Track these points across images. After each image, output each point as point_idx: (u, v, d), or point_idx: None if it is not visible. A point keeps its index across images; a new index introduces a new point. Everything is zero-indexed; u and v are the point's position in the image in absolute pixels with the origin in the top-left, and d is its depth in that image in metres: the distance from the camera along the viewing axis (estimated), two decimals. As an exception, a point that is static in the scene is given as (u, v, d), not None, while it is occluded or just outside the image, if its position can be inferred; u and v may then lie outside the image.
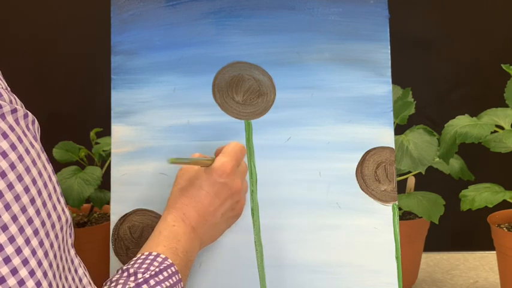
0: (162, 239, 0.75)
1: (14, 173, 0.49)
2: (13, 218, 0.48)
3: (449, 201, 1.08)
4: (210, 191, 0.79)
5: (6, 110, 0.50)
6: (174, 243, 0.75)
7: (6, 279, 0.47)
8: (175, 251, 0.74)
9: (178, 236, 0.76)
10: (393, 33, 0.88)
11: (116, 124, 0.92)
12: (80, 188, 1.12)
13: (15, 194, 0.49)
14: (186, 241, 0.76)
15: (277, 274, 0.88)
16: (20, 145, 0.50)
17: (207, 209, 0.79)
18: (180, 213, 0.78)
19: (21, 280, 0.48)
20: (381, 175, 0.88)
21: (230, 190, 0.80)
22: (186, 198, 0.79)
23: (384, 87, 0.89)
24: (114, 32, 0.93)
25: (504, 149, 1.05)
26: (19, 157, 0.49)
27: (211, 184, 0.79)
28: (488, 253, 1.25)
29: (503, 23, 1.38)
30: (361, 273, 0.87)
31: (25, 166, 0.50)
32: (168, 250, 0.73)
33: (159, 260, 0.71)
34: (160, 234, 0.76)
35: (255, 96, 0.90)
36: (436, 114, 1.31)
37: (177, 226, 0.77)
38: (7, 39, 1.41)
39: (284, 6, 0.90)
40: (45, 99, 1.41)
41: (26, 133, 0.52)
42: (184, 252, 0.75)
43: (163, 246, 0.74)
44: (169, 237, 0.75)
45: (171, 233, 0.76)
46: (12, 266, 0.48)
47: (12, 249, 0.48)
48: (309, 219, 0.88)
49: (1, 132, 0.49)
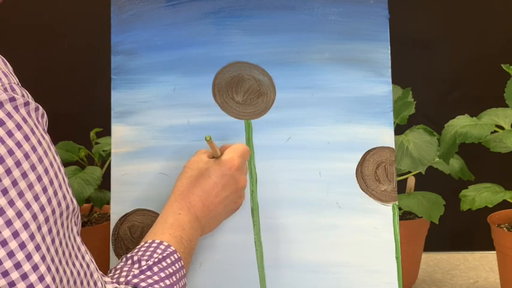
0: (168, 227, 0.77)
1: (28, 162, 0.51)
2: (26, 206, 0.50)
3: (449, 201, 1.08)
4: (218, 181, 0.81)
5: (20, 102, 0.52)
6: (179, 232, 0.76)
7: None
8: (180, 239, 0.76)
9: (183, 224, 0.77)
10: (393, 33, 0.88)
11: (116, 124, 0.92)
12: (80, 188, 1.12)
13: (28, 183, 0.51)
14: (191, 230, 0.78)
15: (277, 274, 0.88)
16: (32, 136, 0.52)
17: (213, 200, 0.81)
18: (187, 201, 0.80)
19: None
20: (381, 175, 0.88)
21: (236, 184, 0.82)
22: (193, 187, 0.80)
23: (384, 87, 0.89)
24: (114, 32, 0.93)
25: (504, 149, 1.05)
26: (32, 148, 0.52)
27: (220, 175, 0.81)
28: (488, 253, 1.25)
29: (503, 23, 1.38)
30: (361, 273, 0.87)
31: (38, 156, 0.52)
32: (173, 238, 0.75)
33: (162, 247, 0.73)
34: (166, 222, 0.77)
35: (255, 96, 0.90)
36: (436, 114, 1.31)
37: (183, 214, 0.78)
38: (7, 38, 1.41)
39: (284, 6, 0.90)
40: (45, 99, 1.41)
41: (37, 125, 0.54)
42: (188, 240, 0.77)
43: (168, 234, 0.75)
44: (174, 225, 0.77)
45: (176, 221, 0.77)
46: (27, 251, 0.50)
47: (27, 235, 0.50)
48: (309, 219, 0.88)
49: (15, 124, 0.51)
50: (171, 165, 0.90)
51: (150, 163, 0.91)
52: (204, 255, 0.88)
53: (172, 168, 0.89)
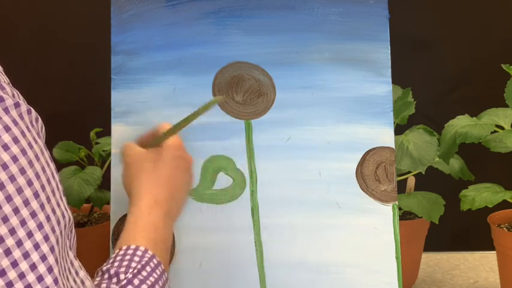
0: (140, 230, 0.71)
1: (17, 165, 0.48)
2: (14, 211, 0.47)
3: (449, 201, 1.08)
4: (173, 165, 0.78)
5: (9, 103, 0.50)
6: (153, 234, 0.71)
7: (7, 272, 0.47)
8: (154, 241, 0.70)
9: (155, 224, 0.72)
10: (393, 33, 0.88)
11: (116, 124, 0.92)
12: (80, 188, 1.12)
13: (17, 187, 0.48)
14: (164, 229, 0.73)
15: (277, 274, 0.88)
16: (23, 139, 0.49)
17: (173, 185, 0.77)
18: (153, 198, 0.75)
19: (22, 273, 0.47)
20: (381, 175, 0.88)
21: (187, 161, 0.81)
22: (154, 180, 0.76)
23: (384, 87, 0.89)
24: (114, 32, 0.93)
25: (504, 149, 1.05)
26: (22, 150, 0.49)
27: (172, 159, 0.78)
28: (488, 253, 1.25)
29: (503, 23, 1.38)
30: (361, 273, 0.87)
31: (28, 160, 0.49)
32: (148, 242, 0.69)
33: (139, 253, 0.67)
34: (137, 225, 0.72)
35: (255, 96, 0.90)
36: (436, 114, 1.31)
37: (153, 214, 0.73)
38: (7, 38, 1.41)
39: (284, 6, 0.90)
40: (45, 99, 1.41)
41: (29, 128, 0.51)
42: (163, 240, 0.72)
43: (141, 237, 0.70)
44: (146, 227, 0.72)
45: (148, 223, 0.72)
46: (13, 258, 0.47)
47: (13, 241, 0.47)
48: (309, 219, 0.88)
49: (3, 126, 0.48)
50: None
51: (150, 163, 0.91)
52: (204, 255, 0.88)
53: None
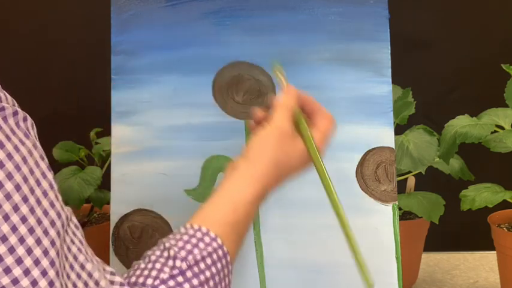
0: (234, 220, 0.64)
1: (3, 171, 0.47)
2: (4, 217, 0.47)
3: (449, 201, 1.08)
4: (297, 156, 0.73)
5: None
6: (243, 227, 0.65)
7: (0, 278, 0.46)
8: (238, 236, 0.65)
9: (251, 216, 0.67)
10: (393, 33, 0.88)
11: (116, 124, 0.92)
12: (80, 188, 1.12)
13: (5, 193, 0.47)
14: (252, 217, 0.68)
15: (277, 274, 0.88)
16: (8, 143, 0.48)
17: (287, 176, 0.72)
18: (265, 188, 0.68)
19: (15, 279, 0.47)
20: (381, 175, 0.88)
21: (295, 145, 0.73)
22: (277, 169, 0.70)
23: (384, 87, 0.89)
24: (114, 32, 0.93)
25: (504, 149, 1.05)
26: (7, 155, 0.48)
27: (297, 150, 0.73)
28: (488, 253, 1.25)
29: (503, 23, 1.38)
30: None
31: (15, 164, 0.48)
32: (232, 235, 0.63)
33: (207, 240, 0.61)
34: (235, 212, 0.65)
35: (255, 96, 0.90)
36: (436, 114, 1.31)
37: (255, 206, 0.67)
38: (7, 38, 1.41)
39: (284, 6, 0.90)
40: (45, 98, 1.41)
41: (14, 131, 0.50)
42: (246, 230, 0.67)
43: (230, 228, 0.63)
44: (240, 219, 0.65)
45: (245, 215, 0.66)
46: (5, 265, 0.46)
47: (5, 248, 0.46)
48: (309, 219, 0.88)
49: None
50: (171, 165, 0.90)
51: (150, 163, 0.91)
52: (204, 255, 0.88)
53: (172, 168, 0.89)
